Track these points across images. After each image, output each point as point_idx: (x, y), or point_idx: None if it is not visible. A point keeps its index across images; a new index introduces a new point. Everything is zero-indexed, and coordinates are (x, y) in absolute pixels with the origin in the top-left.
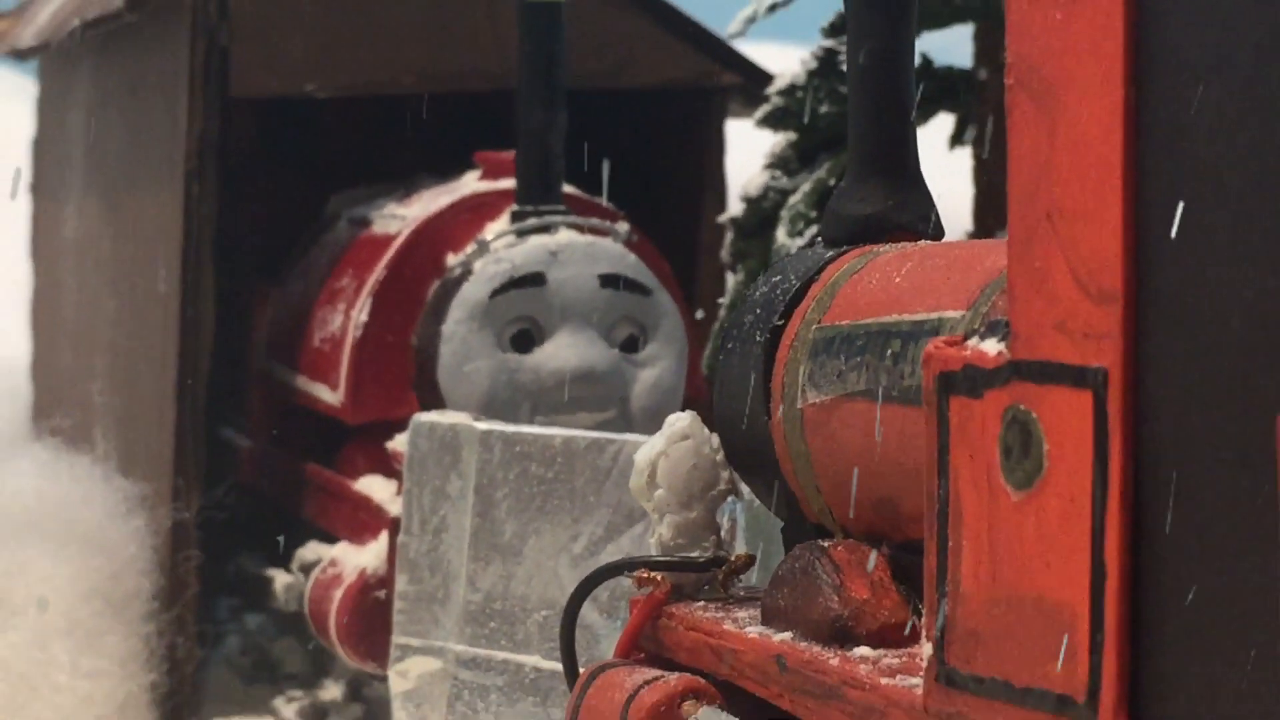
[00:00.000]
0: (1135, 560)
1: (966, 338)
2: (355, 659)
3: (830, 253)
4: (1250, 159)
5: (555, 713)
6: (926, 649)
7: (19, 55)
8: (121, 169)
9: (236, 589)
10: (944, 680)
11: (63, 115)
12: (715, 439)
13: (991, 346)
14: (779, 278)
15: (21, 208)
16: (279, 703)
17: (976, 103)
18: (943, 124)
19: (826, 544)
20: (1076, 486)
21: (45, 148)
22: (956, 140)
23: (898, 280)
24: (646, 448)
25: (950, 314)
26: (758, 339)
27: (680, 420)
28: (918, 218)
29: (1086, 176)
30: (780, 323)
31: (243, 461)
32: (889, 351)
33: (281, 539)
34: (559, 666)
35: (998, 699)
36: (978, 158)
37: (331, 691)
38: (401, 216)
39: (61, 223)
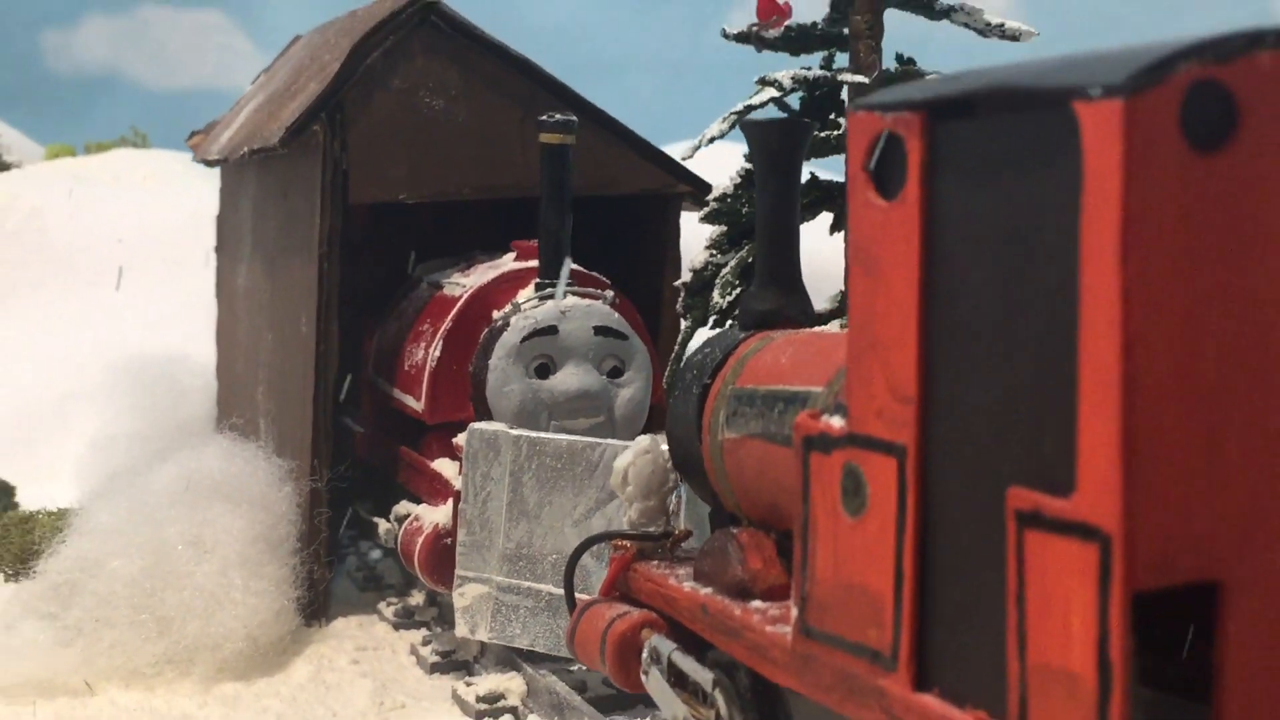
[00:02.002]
0: (921, 567)
1: (822, 413)
2: (431, 583)
3: (742, 335)
4: (992, 318)
5: (560, 622)
6: (794, 611)
7: (207, 163)
8: (276, 245)
9: (354, 527)
10: (804, 633)
11: (236, 202)
12: (666, 452)
13: (837, 422)
14: (709, 350)
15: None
16: (381, 606)
17: (846, 206)
18: (825, 219)
19: (736, 530)
20: (886, 517)
21: (224, 222)
22: (835, 229)
23: (783, 360)
24: (621, 458)
25: (814, 389)
26: (694, 391)
27: (644, 440)
28: (799, 314)
29: (894, 322)
30: (708, 382)
31: (358, 442)
32: (775, 410)
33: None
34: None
35: (836, 649)
36: (846, 241)
37: (416, 599)
38: (463, 284)
39: (236, 275)
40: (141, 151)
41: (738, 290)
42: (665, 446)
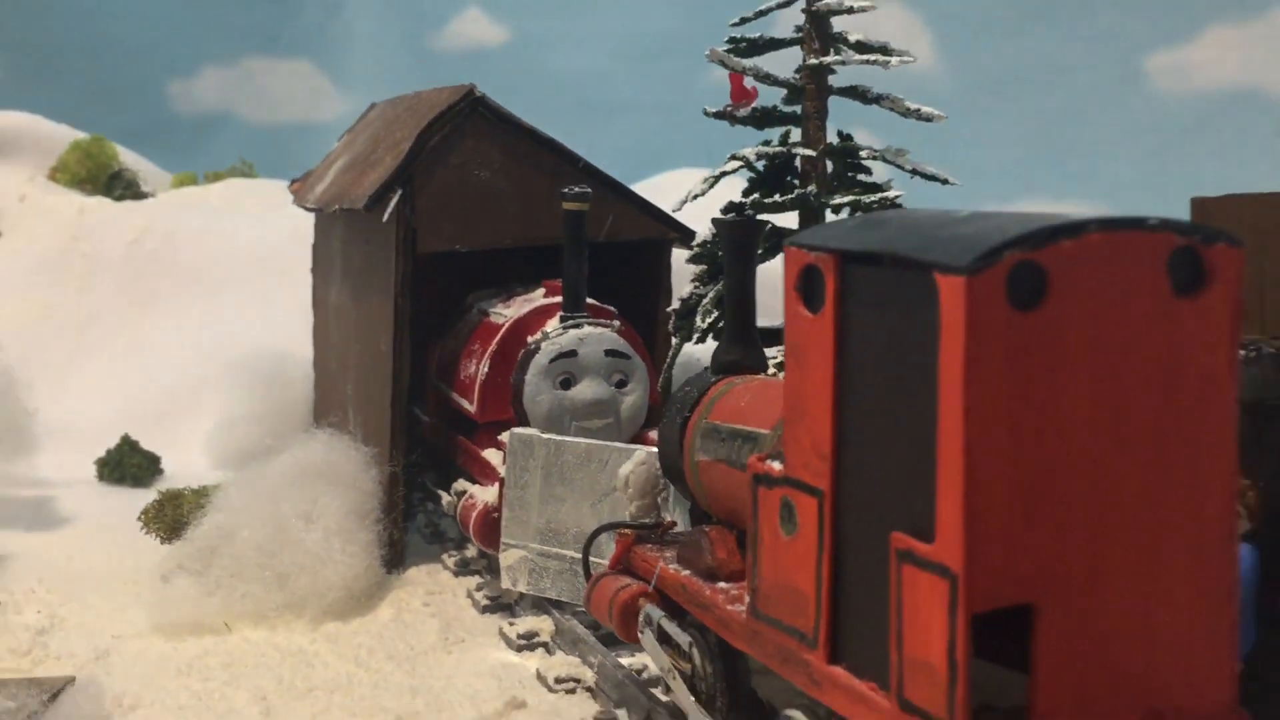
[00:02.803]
0: (834, 576)
1: (767, 457)
2: (482, 547)
3: (714, 379)
4: (882, 406)
5: (580, 581)
6: (748, 597)
7: (304, 208)
8: (360, 279)
9: (424, 494)
10: (754, 614)
11: (328, 237)
12: (658, 464)
13: (777, 465)
14: (689, 389)
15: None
16: (444, 556)
17: None
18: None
19: (708, 527)
20: (810, 539)
21: (318, 250)
22: None
23: (741, 404)
24: (624, 467)
25: (763, 431)
26: (677, 422)
27: (641, 454)
28: (756, 363)
29: (815, 401)
30: (688, 415)
31: (426, 429)
32: (735, 443)
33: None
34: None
35: (776, 628)
36: None
37: (471, 552)
38: (505, 314)
39: (328, 293)
40: (249, 180)
41: (715, 315)
42: (657, 459)
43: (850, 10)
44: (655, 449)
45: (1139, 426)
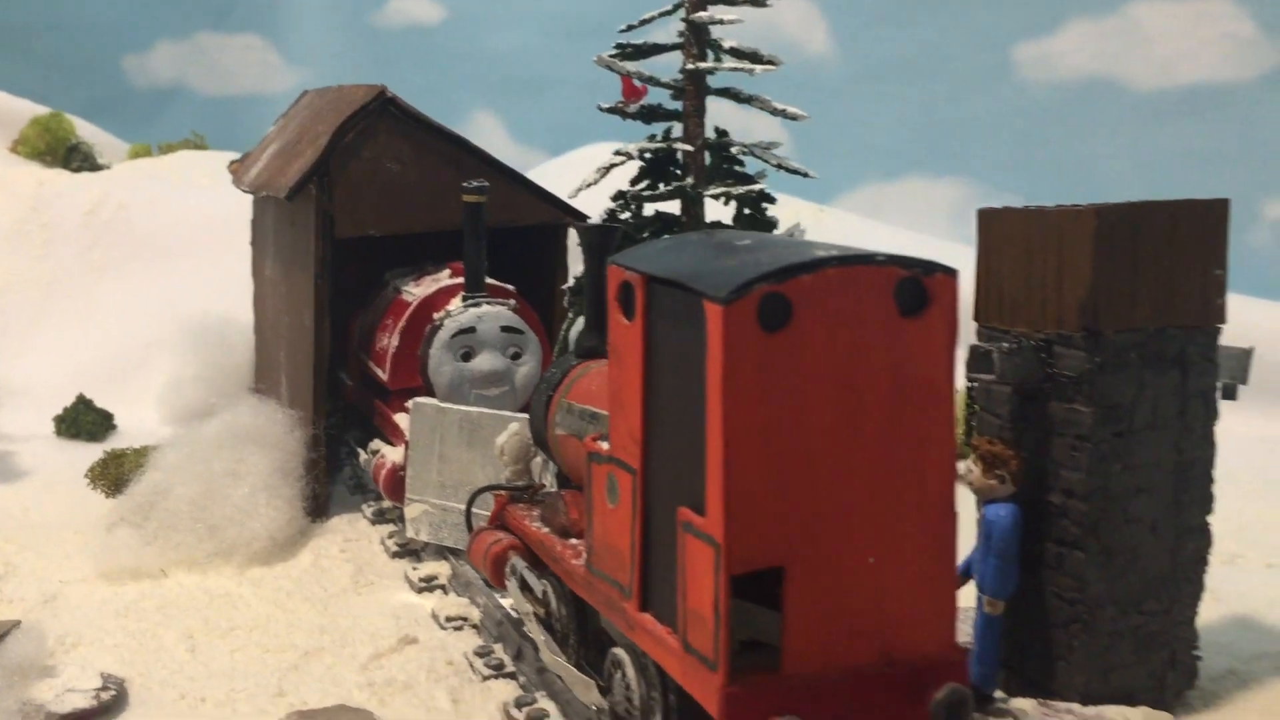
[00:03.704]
0: (644, 540)
1: (599, 437)
2: (391, 499)
3: (575, 361)
4: (676, 401)
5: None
6: (585, 554)
7: (240, 189)
8: (288, 257)
9: (350, 449)
10: (589, 568)
11: (263, 217)
12: (529, 434)
13: (604, 445)
14: (554, 370)
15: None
16: (364, 506)
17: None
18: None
19: (564, 491)
20: (627, 508)
21: (256, 226)
22: None
23: (593, 387)
24: (500, 437)
25: (605, 412)
26: (544, 398)
27: (515, 425)
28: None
29: (630, 394)
30: (552, 393)
31: (349, 392)
32: (584, 420)
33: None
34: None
35: (604, 580)
36: None
37: (386, 503)
38: (414, 293)
39: (264, 265)
40: (200, 152)
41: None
42: (529, 430)
43: (722, 22)
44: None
45: (872, 421)
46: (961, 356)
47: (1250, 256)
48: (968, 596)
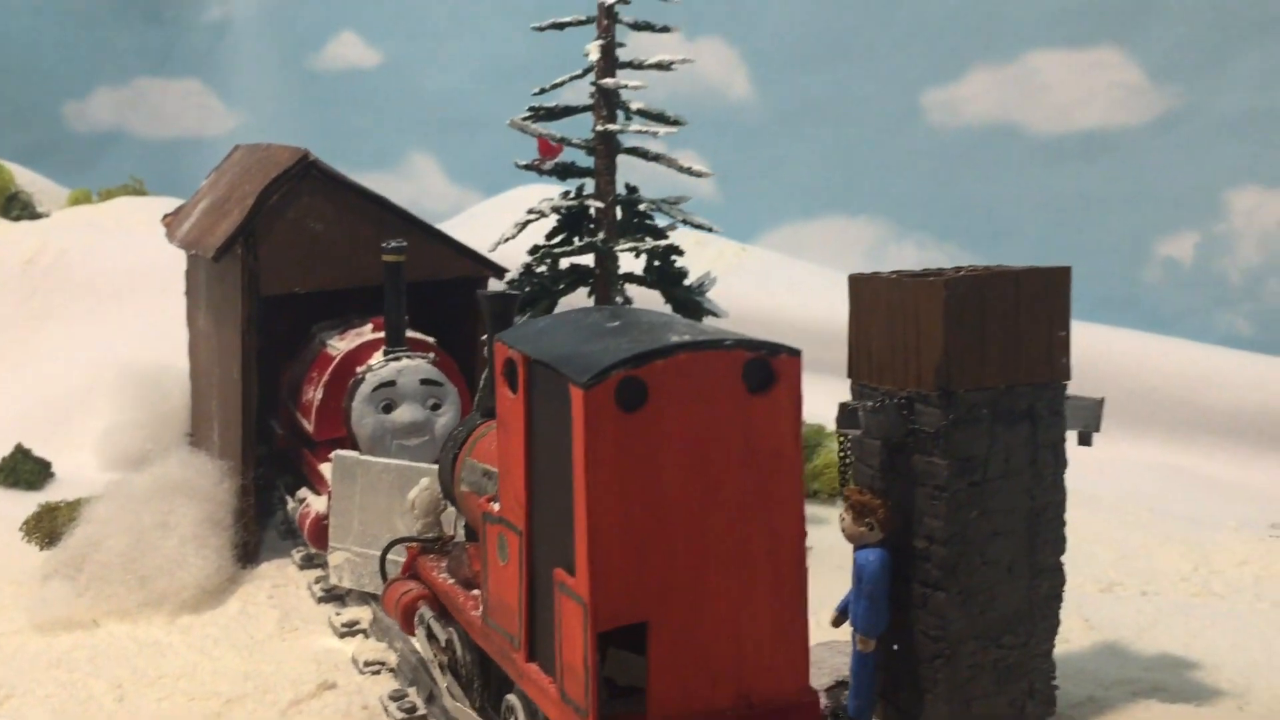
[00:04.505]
0: (530, 596)
1: (491, 499)
2: (315, 547)
3: (479, 420)
4: (548, 467)
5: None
6: (481, 606)
7: (172, 244)
8: (219, 311)
9: (279, 495)
10: (485, 620)
11: (196, 269)
12: (439, 488)
13: (496, 506)
14: (460, 429)
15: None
16: (294, 552)
17: (596, 284)
18: (581, 292)
19: (468, 544)
20: (515, 566)
21: (190, 277)
22: (590, 295)
23: (491, 446)
24: (411, 491)
25: (494, 468)
26: (450, 455)
27: (425, 480)
28: None
29: (514, 460)
30: (458, 451)
31: (279, 441)
32: (485, 478)
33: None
34: (392, 555)
35: (498, 632)
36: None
37: (313, 549)
38: (338, 347)
39: (197, 316)
40: (139, 198)
41: None
42: (439, 484)
43: (628, 87)
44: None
45: (725, 488)
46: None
47: (1145, 293)
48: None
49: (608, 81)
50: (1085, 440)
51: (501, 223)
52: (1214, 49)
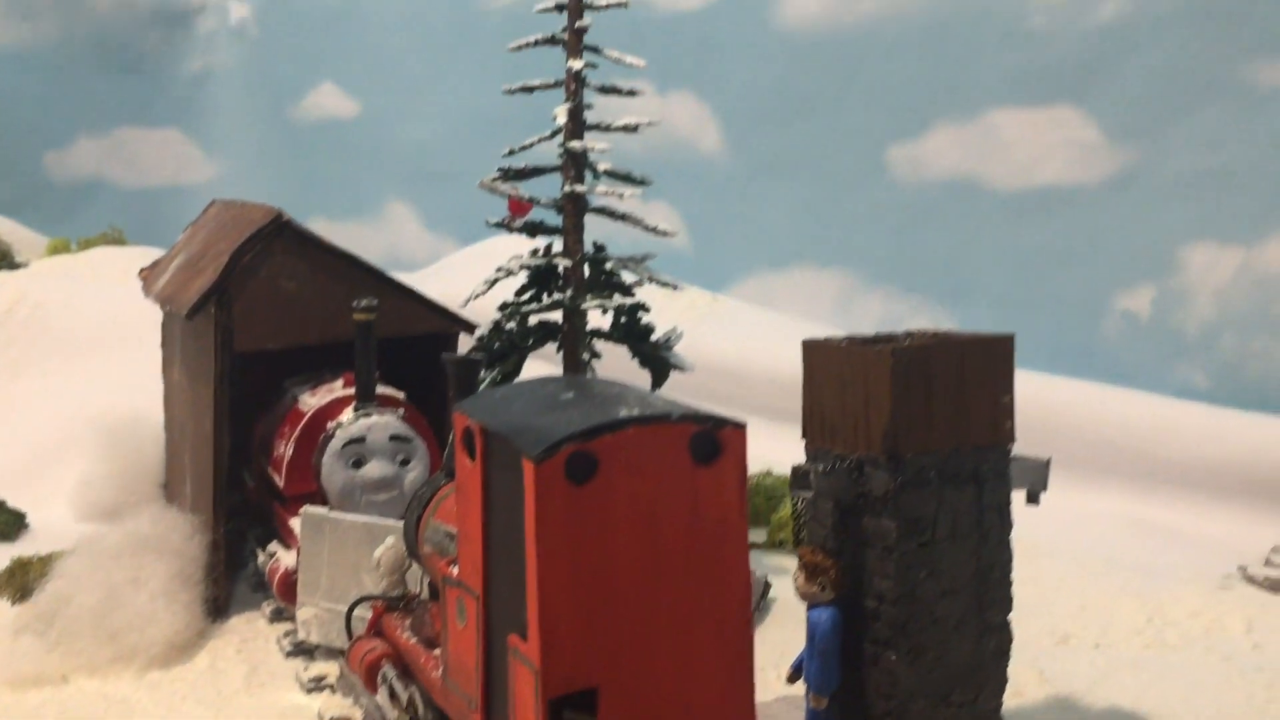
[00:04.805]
0: (487, 659)
1: (451, 562)
2: (283, 602)
3: (444, 481)
4: (507, 535)
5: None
6: (441, 667)
7: (148, 298)
8: (193, 365)
9: (250, 547)
10: (444, 680)
11: (170, 324)
12: (404, 547)
13: (455, 570)
14: (425, 489)
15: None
16: (264, 604)
17: (562, 341)
18: (550, 348)
19: (432, 603)
20: (473, 629)
21: (165, 329)
22: (558, 351)
23: (453, 508)
24: (377, 550)
25: (455, 530)
26: (415, 516)
27: (391, 539)
28: None
29: (472, 525)
30: (421, 511)
31: (251, 494)
32: (448, 540)
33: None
34: (358, 612)
35: (456, 693)
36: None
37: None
38: (310, 403)
39: (172, 369)
40: (118, 248)
41: None
42: (404, 543)
43: (595, 149)
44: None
45: (673, 557)
46: None
47: (1104, 345)
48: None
49: (575, 145)
50: (1033, 499)
51: (476, 272)
52: (1167, 109)
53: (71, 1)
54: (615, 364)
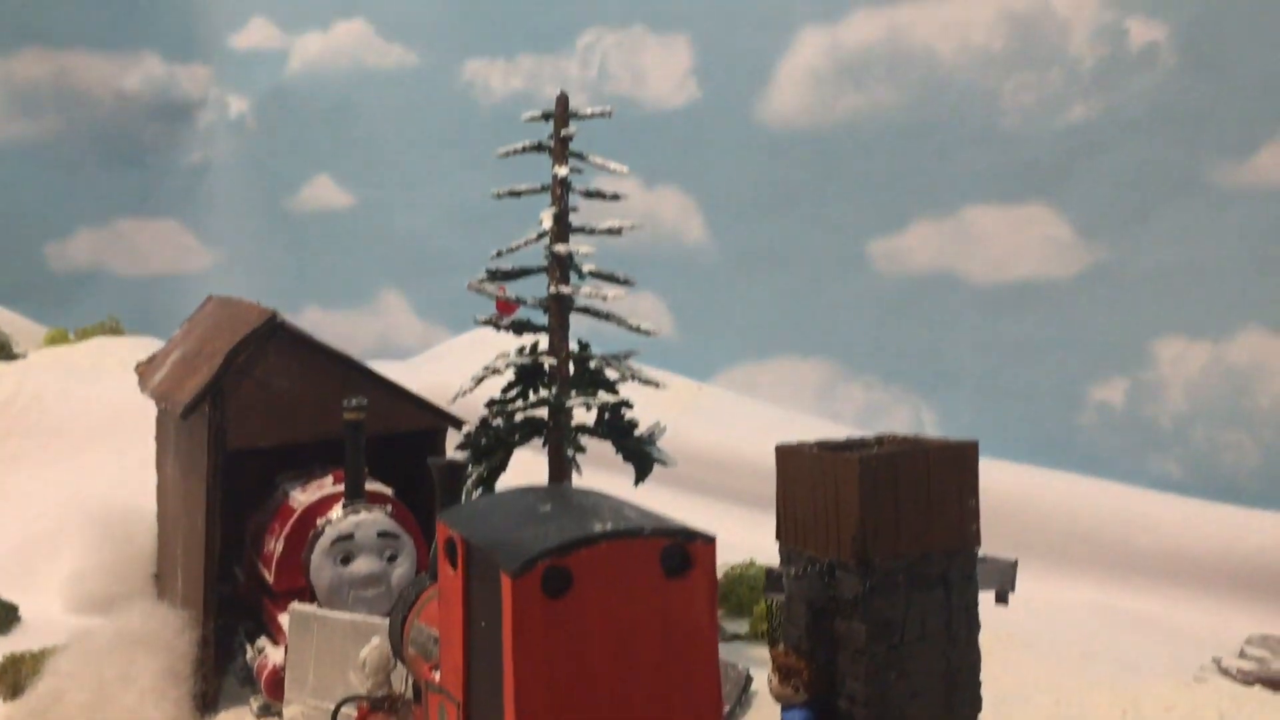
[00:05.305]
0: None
1: (433, 666)
2: (270, 698)
3: (428, 583)
4: (484, 642)
5: None
6: None
7: (144, 394)
8: (186, 461)
9: (240, 641)
10: None
11: (165, 420)
12: (389, 648)
13: (437, 675)
14: (409, 590)
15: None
16: (251, 699)
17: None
18: (536, 442)
19: (416, 706)
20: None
21: (159, 423)
22: (544, 445)
23: (435, 611)
24: (363, 651)
25: (438, 633)
26: (400, 617)
27: (376, 639)
28: None
29: (453, 632)
30: (406, 613)
31: (242, 588)
32: (432, 643)
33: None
34: (344, 711)
35: None
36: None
37: None
38: (300, 500)
39: (166, 462)
40: (116, 339)
41: (479, 491)
42: (389, 643)
43: (579, 253)
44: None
45: (645, 667)
46: None
47: (1080, 436)
48: None
49: (560, 248)
50: (1002, 599)
51: (466, 360)
52: (1135, 208)
53: (75, 97)
54: (600, 457)
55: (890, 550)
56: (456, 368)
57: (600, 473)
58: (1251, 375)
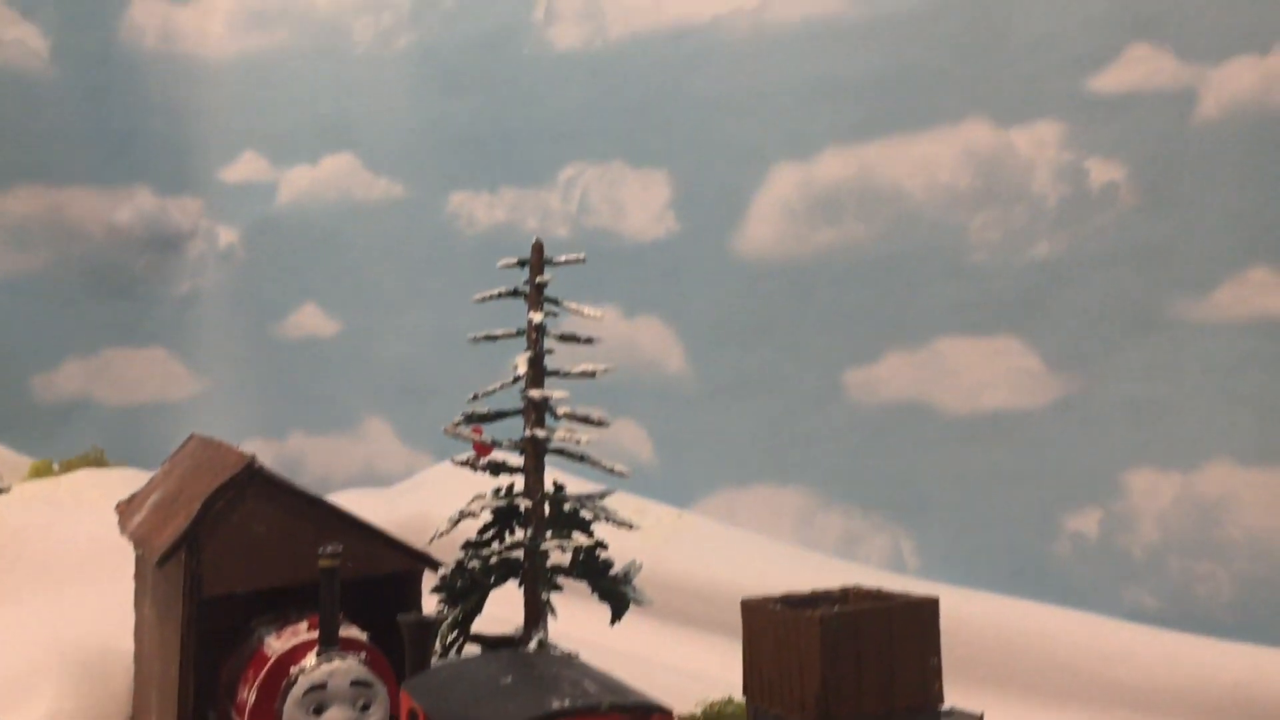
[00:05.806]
0: None
1: None
2: None
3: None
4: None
5: None
6: None
7: (123, 536)
8: (162, 605)
9: None
10: None
11: (143, 562)
12: None
13: None
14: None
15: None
16: None
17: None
18: (512, 583)
19: None
20: None
21: (138, 564)
22: (518, 585)
23: None
24: None
25: None
26: None
27: None
28: None
29: None
30: None
31: None
32: None
33: None
34: None
35: None
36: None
37: None
38: (274, 647)
39: (144, 603)
40: (99, 470)
41: (453, 636)
42: None
43: (554, 398)
44: None
45: None
46: None
47: (1055, 566)
48: None
49: (535, 393)
50: None
51: (449, 488)
52: (1102, 341)
53: (67, 231)
54: (579, 590)
55: (852, 709)
56: (438, 497)
57: (578, 607)
58: (1222, 507)
